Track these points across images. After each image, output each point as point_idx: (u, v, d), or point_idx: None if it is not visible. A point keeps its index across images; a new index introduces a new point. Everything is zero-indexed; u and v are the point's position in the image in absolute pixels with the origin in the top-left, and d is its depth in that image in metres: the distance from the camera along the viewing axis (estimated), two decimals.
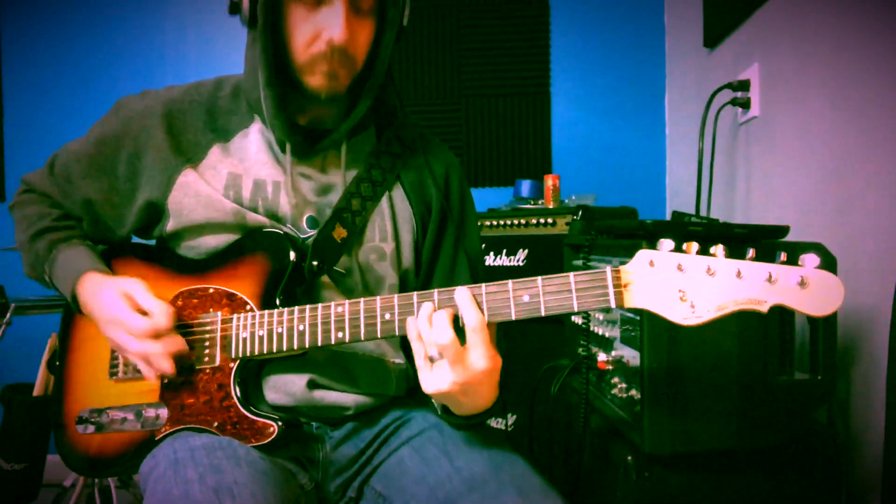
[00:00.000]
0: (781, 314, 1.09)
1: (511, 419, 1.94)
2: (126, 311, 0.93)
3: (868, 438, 1.24)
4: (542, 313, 0.78)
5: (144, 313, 0.93)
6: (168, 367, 0.92)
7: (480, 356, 0.78)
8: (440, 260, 1.10)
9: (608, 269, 0.76)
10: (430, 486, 0.91)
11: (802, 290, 0.66)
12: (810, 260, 0.66)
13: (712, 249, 0.70)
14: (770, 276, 0.67)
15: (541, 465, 1.52)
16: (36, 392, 1.85)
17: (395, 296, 0.85)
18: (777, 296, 0.67)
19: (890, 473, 1.03)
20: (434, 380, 0.79)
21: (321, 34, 0.91)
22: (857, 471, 1.25)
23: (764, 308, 0.68)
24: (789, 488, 1.10)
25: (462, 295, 0.80)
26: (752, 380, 1.06)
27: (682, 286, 0.71)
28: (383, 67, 1.00)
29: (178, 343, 0.93)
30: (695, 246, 0.71)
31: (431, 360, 0.79)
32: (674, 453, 1.05)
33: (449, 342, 0.77)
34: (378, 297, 0.86)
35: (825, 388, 1.09)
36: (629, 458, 1.09)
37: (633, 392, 1.10)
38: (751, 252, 0.69)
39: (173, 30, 2.60)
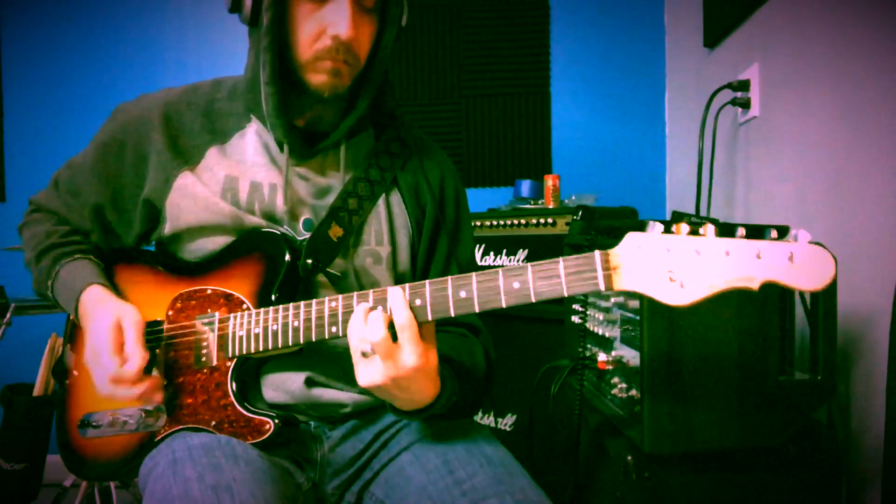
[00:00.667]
0: (781, 314, 1.09)
1: (511, 419, 1.94)
2: (106, 351, 0.92)
3: (868, 438, 1.24)
4: (533, 299, 0.77)
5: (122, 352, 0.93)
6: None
7: (410, 353, 0.81)
8: (433, 267, 1.10)
9: (597, 252, 0.75)
10: (431, 498, 0.91)
11: (792, 265, 0.65)
12: (803, 236, 0.66)
13: (702, 230, 0.70)
14: (759, 253, 0.66)
15: (541, 465, 1.52)
16: (36, 392, 1.86)
17: (388, 289, 0.85)
18: (767, 272, 0.66)
19: (890, 473, 1.03)
20: (366, 374, 0.82)
21: (326, 30, 0.91)
22: (857, 471, 1.25)
23: (755, 285, 0.67)
24: (789, 488, 1.10)
25: (394, 295, 0.82)
26: (752, 380, 1.06)
27: (671, 267, 0.70)
28: (382, 66, 1.00)
29: (150, 386, 0.93)
30: (685, 227, 0.71)
31: (364, 355, 0.82)
32: (673, 453, 1.05)
33: (380, 339, 0.80)
34: (371, 291, 0.86)
35: (825, 388, 1.09)
36: (629, 458, 1.09)
37: (633, 392, 1.10)
38: (740, 231, 0.68)
39: (173, 30, 2.60)
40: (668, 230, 0.72)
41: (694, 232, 0.70)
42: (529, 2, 2.54)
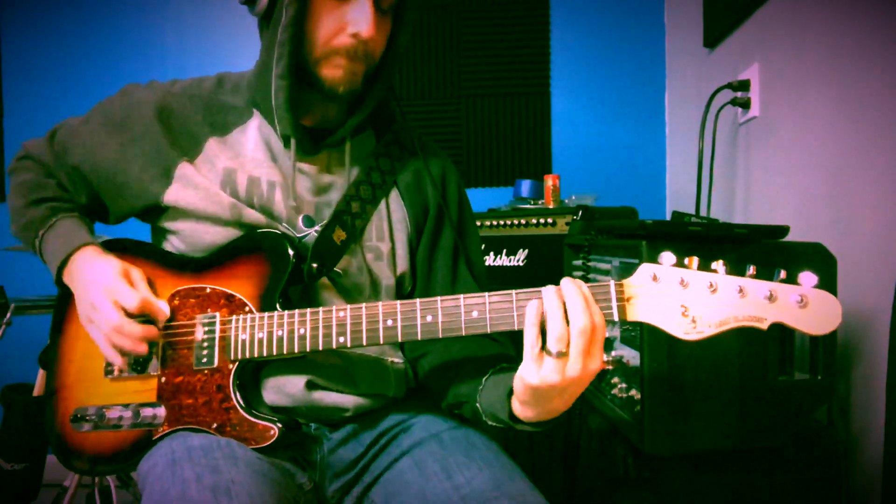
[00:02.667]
0: None
1: None
2: (122, 284, 0.94)
3: (868, 438, 1.24)
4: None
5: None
6: (144, 349, 0.93)
7: (597, 356, 0.75)
8: (438, 264, 1.09)
9: (611, 282, 0.75)
10: (430, 503, 0.91)
11: (802, 309, 0.67)
12: (808, 278, 0.67)
13: (713, 265, 0.71)
14: (771, 295, 0.68)
15: (540, 465, 1.52)
16: (36, 392, 1.85)
17: (398, 302, 0.85)
18: (777, 314, 0.68)
19: (890, 473, 1.03)
20: (543, 372, 0.75)
21: (346, 28, 0.93)
22: (857, 471, 1.25)
23: (763, 325, 0.69)
24: (789, 488, 1.10)
25: (581, 291, 0.75)
26: (752, 380, 1.06)
27: (684, 301, 0.71)
28: (393, 67, 1.02)
29: (152, 330, 0.95)
30: (696, 261, 0.72)
31: (548, 352, 0.74)
32: (674, 453, 1.05)
33: (584, 329, 0.73)
34: (380, 304, 0.86)
35: (825, 388, 1.09)
36: (629, 458, 1.09)
37: (633, 392, 1.10)
38: (751, 269, 0.69)
39: (173, 29, 2.60)
40: (679, 262, 0.72)
41: (704, 266, 0.71)
42: (529, 2, 2.54)
